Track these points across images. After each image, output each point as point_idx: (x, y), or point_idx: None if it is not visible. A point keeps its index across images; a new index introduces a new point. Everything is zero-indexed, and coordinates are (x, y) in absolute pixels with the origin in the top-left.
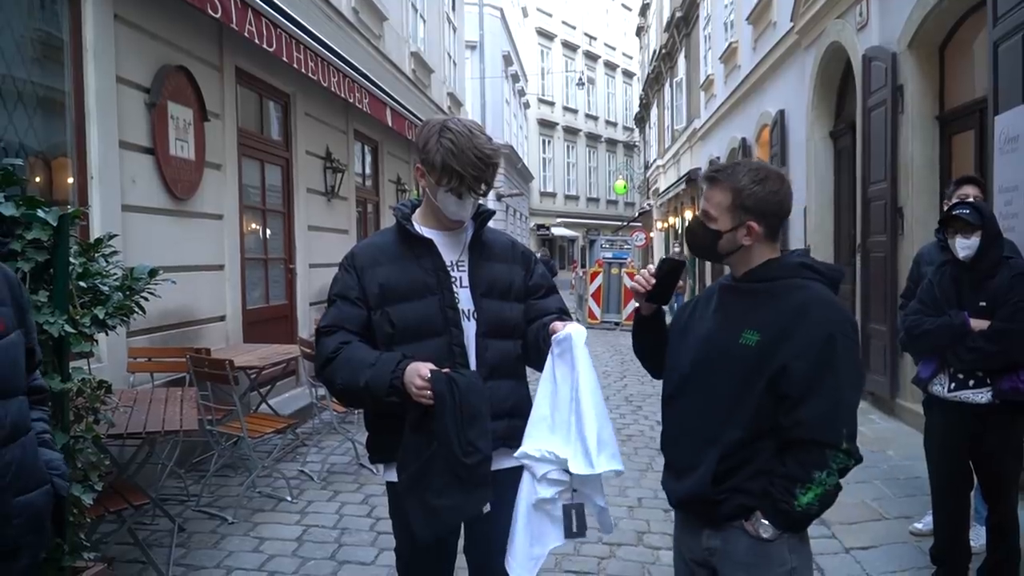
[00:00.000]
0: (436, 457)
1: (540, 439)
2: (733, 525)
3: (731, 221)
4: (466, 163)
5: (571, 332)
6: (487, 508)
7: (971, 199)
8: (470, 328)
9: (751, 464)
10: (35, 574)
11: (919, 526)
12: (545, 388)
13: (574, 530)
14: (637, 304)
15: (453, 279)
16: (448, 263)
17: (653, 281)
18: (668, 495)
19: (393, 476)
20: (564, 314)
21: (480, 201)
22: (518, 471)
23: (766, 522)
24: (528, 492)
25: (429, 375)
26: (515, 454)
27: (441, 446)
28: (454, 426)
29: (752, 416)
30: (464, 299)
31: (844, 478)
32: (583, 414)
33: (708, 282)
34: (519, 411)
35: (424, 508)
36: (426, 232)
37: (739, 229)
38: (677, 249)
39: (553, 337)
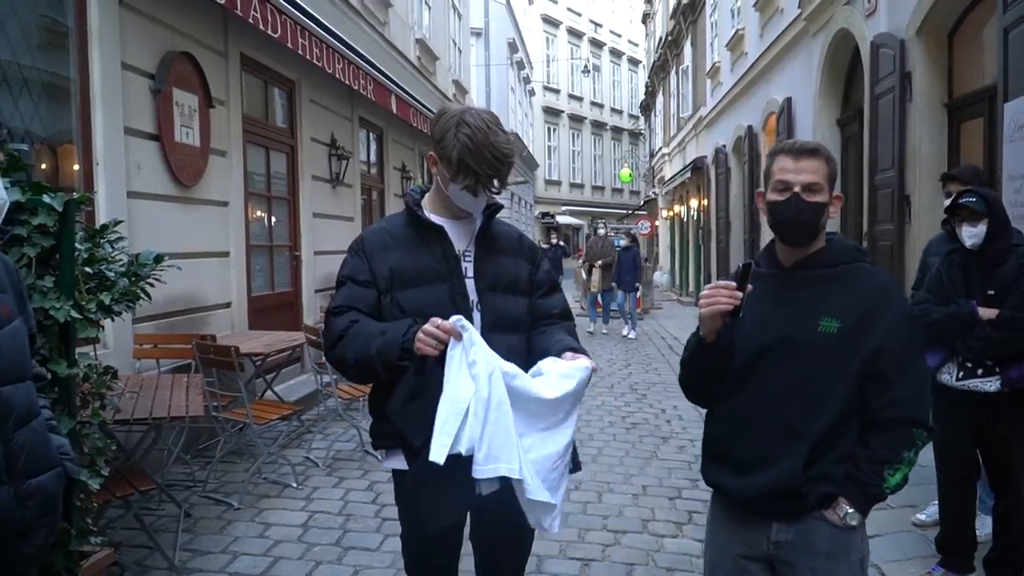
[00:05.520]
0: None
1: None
2: (812, 516)
3: (829, 192)
4: (482, 161)
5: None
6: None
7: (953, 195)
8: (475, 320)
9: (835, 451)
10: (47, 555)
11: (922, 517)
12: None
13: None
14: (709, 329)
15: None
16: (457, 251)
17: (740, 294)
18: (731, 493)
19: (397, 464)
20: (566, 316)
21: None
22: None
23: (851, 509)
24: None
25: (443, 323)
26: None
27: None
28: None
29: (841, 403)
30: (469, 289)
31: None
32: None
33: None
34: None
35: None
36: (435, 219)
37: (831, 203)
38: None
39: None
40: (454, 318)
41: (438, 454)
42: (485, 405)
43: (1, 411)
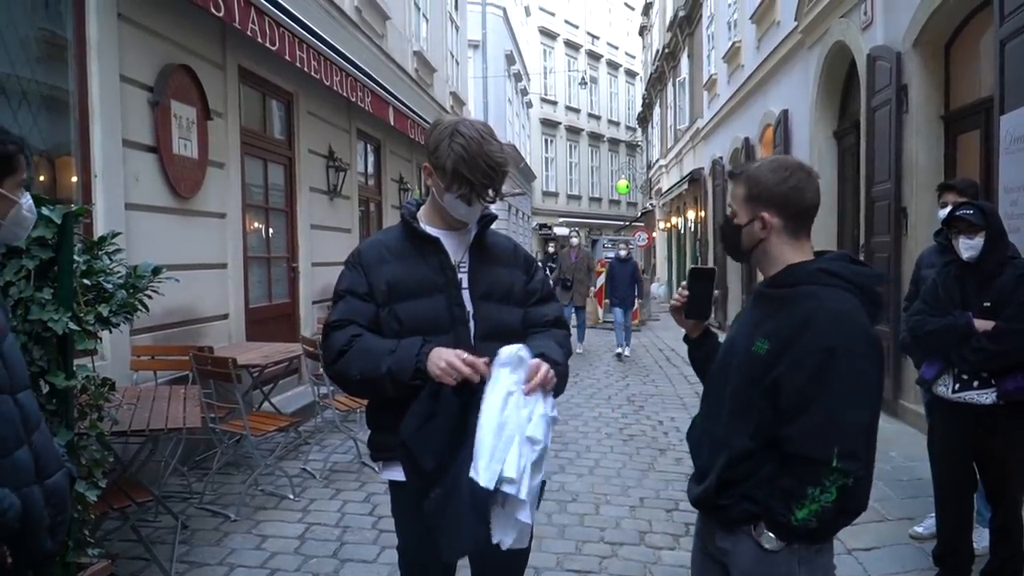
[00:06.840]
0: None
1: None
2: (742, 530)
3: (747, 214)
4: (476, 170)
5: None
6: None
7: (949, 206)
8: (470, 330)
9: (759, 473)
10: (58, 551)
11: (919, 530)
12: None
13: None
14: (679, 325)
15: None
16: (453, 262)
17: (686, 294)
18: (688, 495)
19: (394, 475)
20: (559, 324)
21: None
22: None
23: (770, 534)
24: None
25: (466, 359)
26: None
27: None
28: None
29: (755, 426)
30: (466, 300)
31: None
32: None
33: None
34: None
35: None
36: (431, 231)
37: (755, 222)
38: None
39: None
40: (517, 346)
41: (489, 479)
42: (531, 439)
43: (23, 416)
